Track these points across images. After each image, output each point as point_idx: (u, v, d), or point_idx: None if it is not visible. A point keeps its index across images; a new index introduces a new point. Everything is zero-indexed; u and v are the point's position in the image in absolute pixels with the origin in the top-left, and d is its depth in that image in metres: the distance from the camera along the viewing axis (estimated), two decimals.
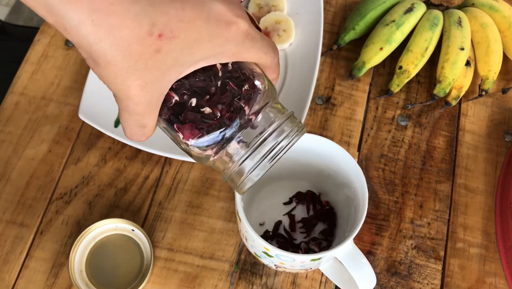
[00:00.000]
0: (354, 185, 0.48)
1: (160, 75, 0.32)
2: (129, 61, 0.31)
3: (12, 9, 1.49)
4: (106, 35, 0.30)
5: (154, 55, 0.31)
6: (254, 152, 0.35)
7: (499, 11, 0.63)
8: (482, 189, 0.58)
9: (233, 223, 0.55)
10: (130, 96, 0.33)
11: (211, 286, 0.52)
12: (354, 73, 0.62)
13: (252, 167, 0.35)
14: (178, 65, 0.33)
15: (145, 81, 0.32)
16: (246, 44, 0.35)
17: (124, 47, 0.31)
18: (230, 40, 0.34)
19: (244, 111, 0.35)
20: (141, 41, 0.31)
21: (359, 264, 0.44)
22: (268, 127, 0.35)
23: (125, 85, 0.32)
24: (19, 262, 0.52)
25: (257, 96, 0.35)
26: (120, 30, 0.30)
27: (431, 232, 0.55)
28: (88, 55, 0.31)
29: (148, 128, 0.35)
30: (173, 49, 0.32)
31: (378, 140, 0.60)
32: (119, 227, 0.53)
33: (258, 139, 0.35)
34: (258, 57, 0.36)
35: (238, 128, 0.35)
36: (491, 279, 0.53)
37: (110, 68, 0.31)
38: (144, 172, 0.57)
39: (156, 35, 0.31)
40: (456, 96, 0.60)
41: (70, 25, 0.30)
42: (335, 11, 0.68)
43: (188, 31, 0.32)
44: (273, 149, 0.35)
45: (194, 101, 0.34)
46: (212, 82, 0.34)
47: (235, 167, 0.36)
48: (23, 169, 0.57)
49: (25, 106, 0.60)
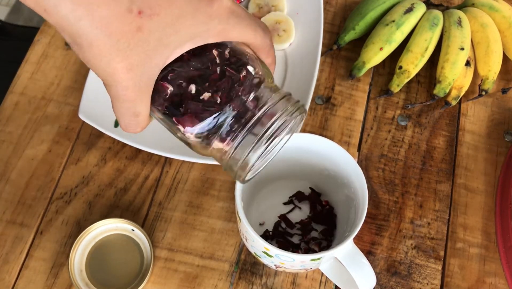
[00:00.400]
0: (354, 185, 0.48)
1: (146, 57, 0.32)
2: (111, 40, 0.31)
3: (12, 9, 1.49)
4: (86, 13, 0.30)
5: (136, 34, 0.31)
6: (248, 135, 0.34)
7: (499, 11, 0.63)
8: (482, 189, 0.58)
9: (233, 223, 0.55)
10: (118, 80, 0.32)
11: (211, 286, 0.52)
12: (354, 73, 0.62)
13: (248, 150, 0.34)
14: (162, 46, 0.32)
15: (131, 63, 0.31)
16: (231, 21, 0.34)
17: (104, 25, 0.30)
18: (214, 17, 0.33)
19: (241, 96, 0.34)
20: (120, 19, 0.30)
21: (359, 264, 0.44)
22: (261, 108, 0.34)
23: (110, 67, 0.31)
24: (19, 262, 0.52)
25: (250, 78, 0.34)
26: (99, 8, 0.30)
27: (431, 232, 0.55)
28: (70, 38, 0.31)
29: (142, 118, 0.35)
30: (155, 27, 0.31)
31: (378, 140, 0.60)
32: (119, 227, 0.53)
33: (250, 121, 0.34)
34: (246, 36, 0.35)
35: (230, 112, 0.34)
36: (491, 279, 0.53)
37: (93, 49, 0.31)
38: (144, 172, 0.57)
39: (135, 12, 0.31)
40: (456, 96, 0.60)
41: (49, 5, 0.30)
42: (335, 11, 0.68)
43: (168, 8, 0.31)
44: (268, 129, 0.34)
45: (193, 88, 0.34)
46: (210, 69, 0.34)
47: (230, 151, 0.34)
48: (23, 169, 0.57)
49: (25, 106, 0.60)
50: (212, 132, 0.34)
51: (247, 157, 0.34)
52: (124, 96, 0.33)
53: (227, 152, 0.35)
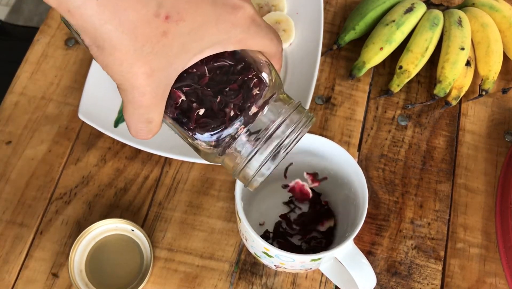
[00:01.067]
0: (354, 185, 0.48)
1: (167, 63, 0.31)
2: (136, 45, 0.30)
3: (12, 9, 1.49)
4: (112, 16, 0.29)
5: (161, 39, 0.30)
6: (263, 147, 0.34)
7: (499, 11, 0.63)
8: (482, 189, 0.57)
9: (233, 223, 0.55)
10: (136, 85, 0.31)
11: (211, 286, 0.52)
12: (354, 73, 0.62)
13: (262, 161, 0.35)
14: (184, 52, 0.32)
15: (152, 68, 0.31)
16: (252, 30, 0.34)
17: (130, 29, 0.29)
18: (237, 26, 0.33)
19: (249, 108, 0.34)
20: (147, 23, 0.30)
21: (359, 264, 0.44)
22: (275, 120, 0.35)
23: (131, 72, 0.31)
24: (19, 262, 0.52)
25: (264, 90, 0.35)
26: (125, 11, 0.29)
27: (431, 232, 0.55)
28: (92, 40, 0.30)
29: (155, 124, 0.34)
30: (180, 32, 0.31)
31: (378, 140, 0.60)
32: (119, 227, 0.53)
33: (266, 133, 0.34)
34: (264, 45, 0.35)
35: (243, 124, 0.34)
36: (491, 279, 0.53)
37: (116, 53, 0.30)
38: (144, 172, 0.57)
39: (163, 17, 0.30)
40: (456, 96, 0.60)
41: (74, 6, 0.29)
42: (335, 11, 0.68)
43: (194, 13, 0.31)
44: (282, 142, 0.35)
45: (202, 111, 0.34)
46: (225, 79, 0.34)
47: (244, 162, 0.35)
48: (23, 169, 0.57)
49: (25, 106, 0.60)
50: (224, 142, 0.34)
51: (261, 169, 0.35)
52: (140, 102, 0.32)
53: (239, 164, 0.35)
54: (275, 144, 0.35)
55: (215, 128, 0.34)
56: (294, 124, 0.35)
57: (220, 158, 0.36)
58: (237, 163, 0.35)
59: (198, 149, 0.36)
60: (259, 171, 0.35)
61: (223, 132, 0.34)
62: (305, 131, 0.36)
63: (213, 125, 0.34)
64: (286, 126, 0.35)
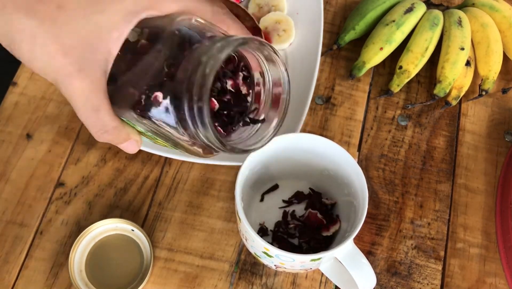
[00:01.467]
0: (354, 185, 0.48)
1: (79, 39, 0.30)
2: (37, 21, 0.30)
3: None
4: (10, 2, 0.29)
5: (58, 12, 0.30)
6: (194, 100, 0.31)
7: (499, 11, 0.63)
8: (482, 189, 0.57)
9: (233, 223, 0.55)
10: (58, 67, 0.31)
11: (211, 286, 0.52)
12: (354, 73, 0.62)
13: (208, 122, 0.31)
14: (94, 28, 0.31)
15: (64, 45, 0.30)
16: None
17: (27, 8, 0.30)
18: None
19: None
20: None
21: (359, 264, 0.44)
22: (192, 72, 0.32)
23: (46, 54, 0.30)
24: (19, 262, 0.52)
25: None
26: None
27: (431, 232, 0.55)
28: (3, 38, 0.31)
29: (103, 112, 0.33)
30: (74, 4, 0.30)
31: (378, 140, 0.60)
32: (119, 227, 0.53)
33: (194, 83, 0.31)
34: (178, 6, 0.33)
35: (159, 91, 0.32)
36: (491, 279, 0.53)
37: (23, 36, 0.30)
38: (144, 172, 0.57)
39: None
40: (456, 96, 0.60)
41: None
42: (335, 11, 0.68)
43: None
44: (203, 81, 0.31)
45: None
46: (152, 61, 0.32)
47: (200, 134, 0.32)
48: (23, 169, 0.57)
49: (25, 106, 0.60)
50: (179, 118, 0.33)
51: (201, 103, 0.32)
52: (73, 87, 0.31)
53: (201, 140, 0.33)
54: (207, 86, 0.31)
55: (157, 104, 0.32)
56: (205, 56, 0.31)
57: (191, 141, 0.34)
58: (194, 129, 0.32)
59: (181, 144, 0.35)
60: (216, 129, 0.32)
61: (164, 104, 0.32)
62: (226, 53, 0.31)
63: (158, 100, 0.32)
64: None
